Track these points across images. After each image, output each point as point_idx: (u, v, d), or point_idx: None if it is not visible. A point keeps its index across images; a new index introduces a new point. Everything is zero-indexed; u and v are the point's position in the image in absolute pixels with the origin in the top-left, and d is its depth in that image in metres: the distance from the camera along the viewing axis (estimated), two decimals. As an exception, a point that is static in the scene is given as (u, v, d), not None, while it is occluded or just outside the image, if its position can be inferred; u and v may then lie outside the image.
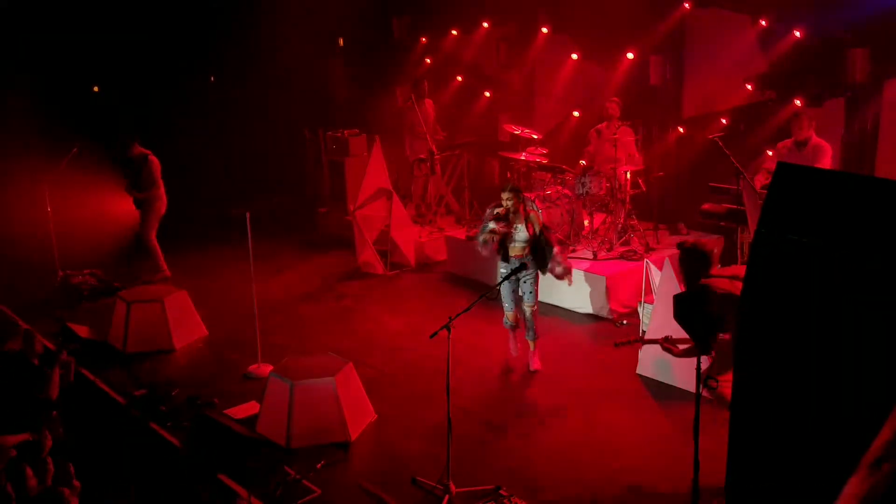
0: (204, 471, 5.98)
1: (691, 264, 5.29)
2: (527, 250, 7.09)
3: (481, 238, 7.17)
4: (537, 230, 7.06)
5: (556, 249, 7.14)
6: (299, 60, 13.15)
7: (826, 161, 7.86)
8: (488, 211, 7.20)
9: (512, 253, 7.14)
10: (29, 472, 4.38)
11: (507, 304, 7.40)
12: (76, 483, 4.59)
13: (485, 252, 7.24)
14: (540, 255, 7.10)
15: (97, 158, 11.20)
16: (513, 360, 7.66)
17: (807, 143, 7.89)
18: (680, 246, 5.48)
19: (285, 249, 10.93)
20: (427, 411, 6.76)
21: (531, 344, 7.48)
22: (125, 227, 11.52)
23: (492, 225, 7.07)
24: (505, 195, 7.06)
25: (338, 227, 11.78)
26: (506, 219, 7.04)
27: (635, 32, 10.28)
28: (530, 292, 7.24)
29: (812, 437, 3.40)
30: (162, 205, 9.88)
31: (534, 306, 7.29)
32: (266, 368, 7.10)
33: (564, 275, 7.26)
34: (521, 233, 7.09)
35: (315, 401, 6.37)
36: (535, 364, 7.50)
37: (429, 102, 11.55)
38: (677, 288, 6.31)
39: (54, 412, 5.51)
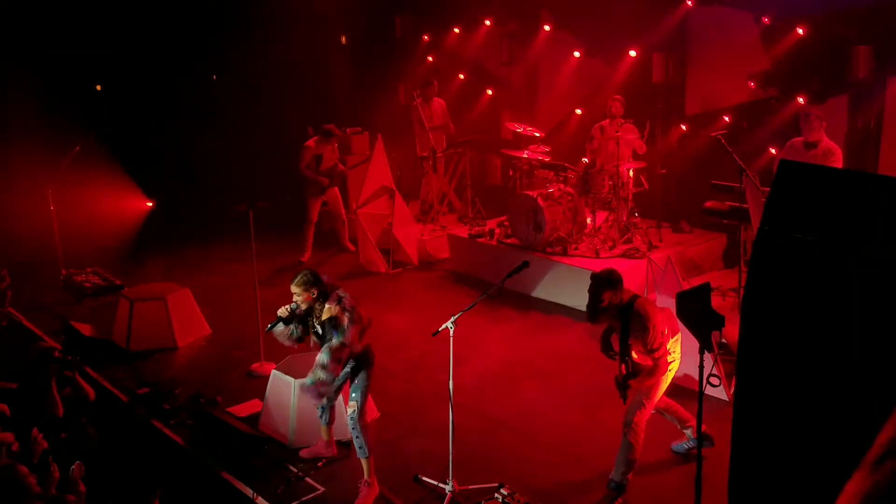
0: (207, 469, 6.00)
1: (601, 289, 5.27)
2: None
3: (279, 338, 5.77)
4: (335, 344, 5.41)
5: (323, 359, 5.39)
6: (301, 58, 13.15)
7: (837, 165, 7.79)
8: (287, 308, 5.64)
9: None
10: (26, 471, 4.37)
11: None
12: (82, 488, 4.59)
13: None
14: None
15: (100, 156, 11.23)
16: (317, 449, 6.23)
17: (817, 145, 7.78)
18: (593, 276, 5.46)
19: (288, 247, 10.93)
20: (429, 409, 6.77)
21: (362, 463, 5.66)
22: (126, 225, 11.56)
23: (279, 328, 5.65)
24: (295, 290, 5.50)
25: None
26: (303, 322, 5.60)
27: (638, 30, 10.27)
28: (357, 391, 5.60)
29: (815, 435, 3.40)
30: None
31: (355, 411, 5.55)
32: (269, 366, 7.11)
33: (310, 393, 5.50)
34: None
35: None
36: (361, 498, 5.60)
37: (438, 101, 11.55)
38: (679, 285, 6.31)
39: (62, 434, 5.44)
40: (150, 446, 6.54)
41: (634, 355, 5.44)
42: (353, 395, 5.60)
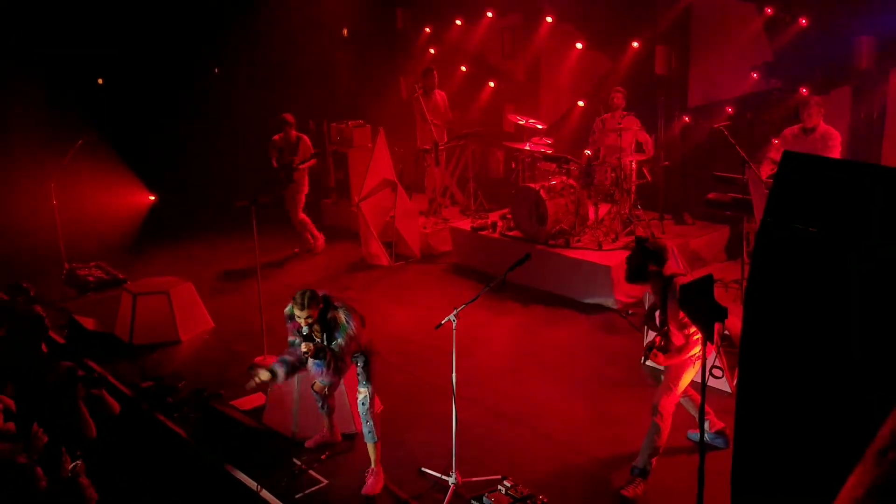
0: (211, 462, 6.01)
1: (642, 259, 5.42)
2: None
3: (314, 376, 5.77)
4: (340, 342, 5.43)
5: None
6: (303, 51, 13.13)
7: (836, 149, 7.82)
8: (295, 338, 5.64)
9: None
10: (41, 473, 4.39)
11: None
12: (86, 482, 4.61)
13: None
14: (333, 363, 5.45)
15: (103, 151, 11.23)
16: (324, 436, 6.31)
17: (815, 130, 7.86)
18: (637, 240, 5.64)
19: (290, 241, 10.94)
20: (432, 402, 6.77)
21: (369, 448, 5.73)
22: (129, 219, 11.59)
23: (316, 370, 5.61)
24: (302, 313, 5.39)
25: (343, 219, 11.79)
26: (321, 353, 5.48)
27: (640, 22, 10.24)
28: (362, 381, 5.70)
29: (818, 427, 3.40)
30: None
31: (367, 397, 5.65)
32: (272, 360, 7.11)
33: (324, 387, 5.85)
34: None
35: (321, 392, 6.38)
36: (369, 486, 5.66)
37: (439, 94, 11.53)
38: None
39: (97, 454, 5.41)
40: (153, 440, 6.56)
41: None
42: (363, 383, 5.67)
